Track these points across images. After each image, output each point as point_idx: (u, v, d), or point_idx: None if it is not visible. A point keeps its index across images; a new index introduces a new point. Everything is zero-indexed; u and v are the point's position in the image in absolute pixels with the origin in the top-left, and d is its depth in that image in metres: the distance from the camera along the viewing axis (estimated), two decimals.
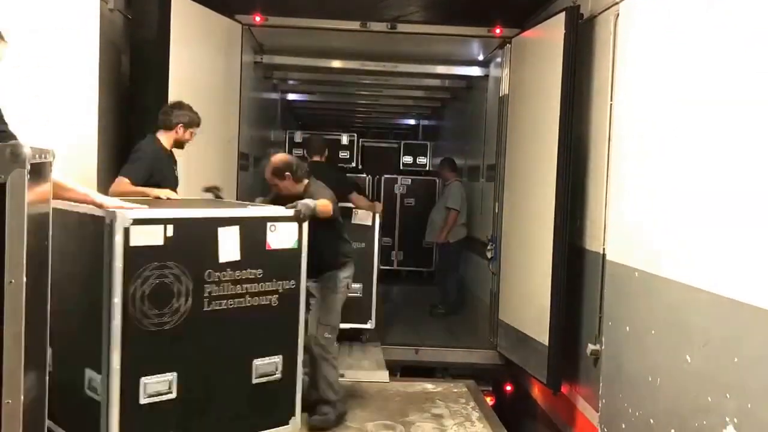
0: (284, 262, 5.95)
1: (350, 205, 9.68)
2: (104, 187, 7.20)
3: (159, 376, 5.25)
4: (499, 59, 11.03)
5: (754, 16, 4.53)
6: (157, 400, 5.25)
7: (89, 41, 7.16)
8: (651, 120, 5.95)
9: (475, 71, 12.73)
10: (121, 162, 9.88)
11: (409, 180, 17.13)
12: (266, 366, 5.85)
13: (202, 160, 8.98)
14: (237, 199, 9.81)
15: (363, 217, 10.04)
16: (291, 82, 16.28)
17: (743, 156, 4.54)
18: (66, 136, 6.78)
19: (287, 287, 5.93)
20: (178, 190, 7.27)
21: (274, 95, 16.20)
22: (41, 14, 6.58)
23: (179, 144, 7.32)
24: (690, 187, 5.19)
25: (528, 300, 8.86)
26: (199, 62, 8.81)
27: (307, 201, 6.39)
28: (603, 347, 6.82)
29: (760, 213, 4.30)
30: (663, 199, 5.61)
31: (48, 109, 6.64)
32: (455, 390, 8.05)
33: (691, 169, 5.20)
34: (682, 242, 5.25)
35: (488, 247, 10.94)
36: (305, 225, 6.09)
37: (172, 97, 8.14)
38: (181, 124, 7.19)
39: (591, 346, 7.35)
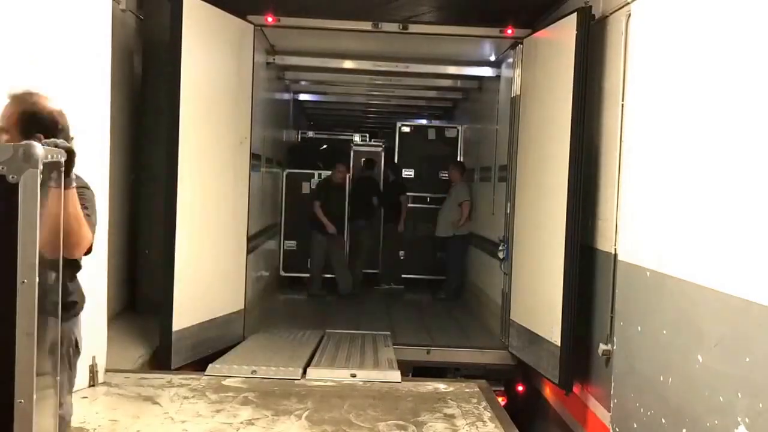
0: None
1: None
2: (115, 186, 7.23)
3: None
4: (510, 60, 11.01)
5: (763, 16, 4.52)
6: None
7: (101, 42, 7.15)
8: (662, 120, 5.93)
9: (486, 72, 12.73)
10: (134, 161, 9.95)
11: None
12: None
13: (214, 162, 9.00)
14: (249, 201, 9.86)
15: None
16: (303, 82, 16.31)
17: (754, 156, 4.52)
18: (79, 134, 6.76)
19: None
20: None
21: (286, 96, 16.21)
22: (53, 15, 6.58)
23: None
24: (701, 187, 5.17)
25: (539, 300, 8.84)
26: (211, 63, 8.83)
27: None
28: (615, 347, 6.82)
29: None
30: (674, 200, 5.60)
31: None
32: (467, 390, 8.00)
33: (702, 169, 5.18)
34: (694, 242, 5.23)
35: (500, 248, 10.92)
36: None
37: (185, 98, 8.15)
38: None
39: (603, 346, 7.34)
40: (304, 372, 8.28)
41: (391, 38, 10.83)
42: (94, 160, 7.11)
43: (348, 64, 12.93)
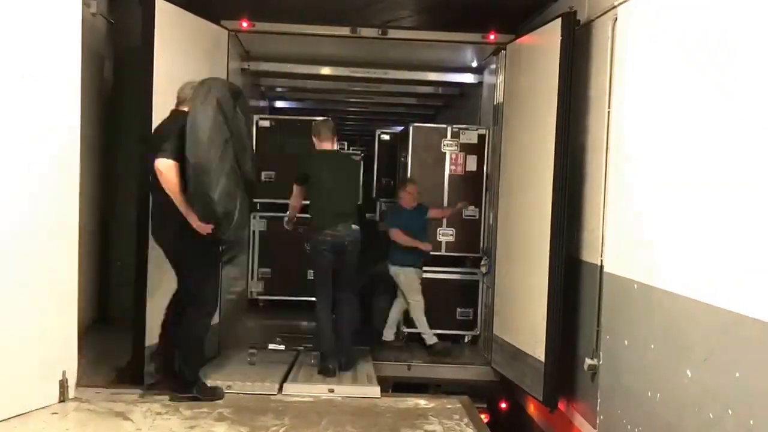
0: None
1: None
2: (85, 195, 7.07)
3: None
4: (493, 66, 10.90)
5: (752, 19, 4.50)
6: None
7: (71, 46, 7.04)
8: (649, 127, 5.92)
9: (468, 78, 12.60)
10: (104, 171, 9.76)
11: None
12: None
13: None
14: None
15: None
16: (279, 89, 16.20)
17: (744, 167, 4.50)
18: (48, 143, 6.73)
19: None
20: None
21: (262, 103, 16.06)
22: (21, 18, 6.47)
23: None
24: (690, 197, 5.15)
25: (523, 314, 8.74)
26: (184, 69, 8.64)
27: None
28: (601, 362, 6.84)
29: (762, 224, 4.26)
30: (663, 210, 5.57)
31: (28, 116, 6.51)
32: (449, 406, 7.88)
33: (691, 179, 5.16)
34: (683, 254, 5.22)
35: (482, 261, 10.79)
36: None
37: (156, 104, 8.00)
38: None
39: (588, 361, 7.25)
40: (281, 387, 8.16)
41: (370, 44, 10.71)
42: (64, 166, 6.99)
43: (325, 70, 12.82)
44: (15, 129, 6.42)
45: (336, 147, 9.22)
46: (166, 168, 6.81)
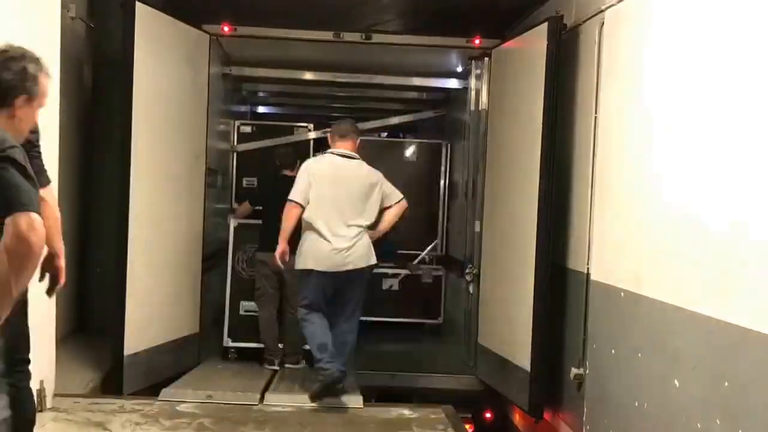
0: None
1: None
2: (65, 202, 6.96)
3: None
4: (478, 71, 10.79)
5: (740, 23, 4.45)
6: None
7: (50, 51, 6.90)
8: (637, 133, 5.87)
9: (453, 83, 12.49)
10: (83, 177, 9.65)
11: None
12: None
13: (169, 177, 8.82)
14: (204, 219, 9.50)
15: None
16: (261, 94, 16.10)
17: (730, 171, 4.46)
18: None
19: None
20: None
21: (244, 108, 15.94)
22: None
23: None
24: (676, 203, 5.11)
25: (508, 323, 8.64)
26: (165, 74, 8.63)
27: None
28: (587, 371, 6.79)
29: (751, 230, 4.21)
30: (649, 217, 5.52)
31: None
32: (433, 416, 7.81)
33: (677, 185, 5.12)
34: (670, 261, 5.17)
35: (467, 269, 10.71)
36: None
37: (137, 110, 7.92)
38: None
39: (575, 370, 7.21)
40: (262, 397, 8.09)
41: (354, 49, 10.64)
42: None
43: (308, 75, 12.67)
44: None
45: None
46: None
